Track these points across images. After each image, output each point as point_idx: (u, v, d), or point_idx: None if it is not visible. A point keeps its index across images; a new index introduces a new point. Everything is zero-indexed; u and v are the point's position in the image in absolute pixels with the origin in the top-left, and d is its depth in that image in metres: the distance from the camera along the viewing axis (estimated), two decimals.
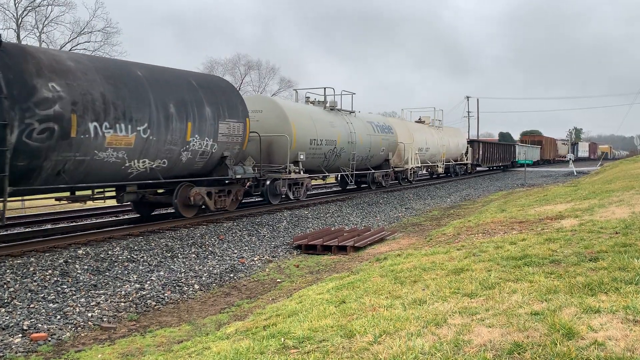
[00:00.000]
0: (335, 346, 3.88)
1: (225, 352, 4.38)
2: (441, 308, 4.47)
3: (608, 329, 3.47)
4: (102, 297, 7.89)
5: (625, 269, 4.91)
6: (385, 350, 3.56)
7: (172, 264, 9.86)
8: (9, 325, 6.60)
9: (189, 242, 11.13)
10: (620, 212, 8.77)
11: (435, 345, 3.54)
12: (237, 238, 12.21)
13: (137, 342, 6.40)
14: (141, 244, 10.43)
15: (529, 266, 5.57)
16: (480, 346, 3.43)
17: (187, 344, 5.72)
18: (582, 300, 4.15)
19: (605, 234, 6.94)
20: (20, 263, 8.42)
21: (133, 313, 7.61)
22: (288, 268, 10.41)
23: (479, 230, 9.52)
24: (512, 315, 3.98)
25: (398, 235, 13.59)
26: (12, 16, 34.72)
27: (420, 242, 10.99)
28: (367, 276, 6.88)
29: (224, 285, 9.29)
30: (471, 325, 3.88)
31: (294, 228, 14.15)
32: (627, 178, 17.81)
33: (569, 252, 5.98)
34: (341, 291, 6.17)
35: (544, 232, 7.88)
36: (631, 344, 3.19)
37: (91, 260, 9.13)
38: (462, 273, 5.76)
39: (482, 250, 7.06)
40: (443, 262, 6.65)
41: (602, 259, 5.46)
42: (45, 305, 7.32)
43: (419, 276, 6.03)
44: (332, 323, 4.55)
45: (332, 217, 16.27)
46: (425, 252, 8.11)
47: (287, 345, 4.17)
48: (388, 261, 7.93)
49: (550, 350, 3.20)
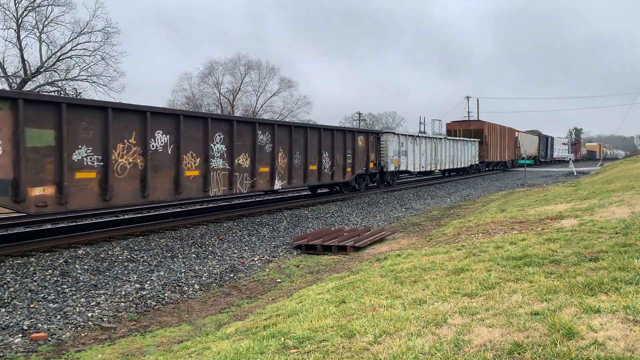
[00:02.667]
0: (335, 346, 3.87)
1: (225, 352, 4.37)
2: (441, 308, 4.46)
3: (608, 329, 3.47)
4: (102, 297, 7.89)
5: (625, 269, 4.91)
6: (385, 350, 3.56)
7: (172, 264, 9.86)
8: (9, 325, 6.60)
9: (189, 242, 11.12)
10: (620, 212, 8.77)
11: (435, 345, 3.54)
12: (237, 238, 12.21)
13: (137, 342, 6.40)
14: (141, 243, 10.43)
15: (529, 266, 5.57)
16: (480, 346, 3.43)
17: (187, 343, 5.72)
18: (582, 300, 4.15)
19: (606, 234, 6.93)
20: (20, 263, 8.42)
21: (133, 313, 7.61)
22: (288, 268, 10.40)
23: (479, 230, 9.52)
24: (512, 315, 3.98)
25: (398, 235, 13.58)
26: (12, 16, 34.72)
27: (420, 242, 10.99)
28: (367, 276, 6.87)
29: (224, 285, 9.29)
30: (471, 325, 3.88)
31: (294, 228, 14.15)
32: (627, 178, 17.80)
33: (569, 252, 5.98)
34: (341, 291, 6.17)
35: (544, 232, 7.87)
36: (631, 344, 3.19)
37: (91, 260, 9.13)
38: (462, 273, 5.76)
39: (482, 250, 7.05)
40: (443, 262, 6.65)
41: (602, 259, 5.46)
42: (45, 305, 7.32)
43: (419, 276, 6.03)
44: (332, 323, 4.55)
45: (332, 217, 16.27)
46: (425, 252, 8.11)
47: (287, 345, 4.17)
48: (388, 261, 7.93)
49: (550, 350, 3.20)
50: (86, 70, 37.57)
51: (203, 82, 61.07)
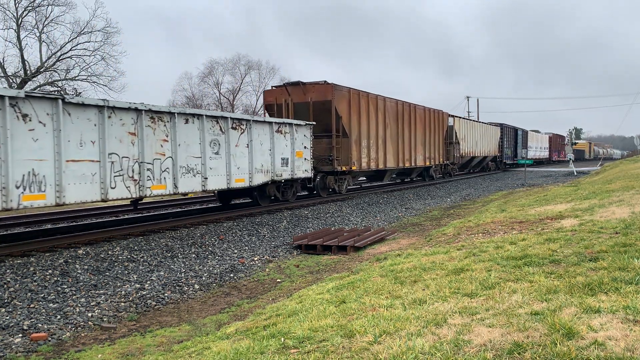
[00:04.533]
0: (335, 346, 3.87)
1: (225, 352, 4.38)
2: (441, 308, 4.46)
3: (608, 329, 3.47)
4: (102, 297, 7.89)
5: (625, 269, 4.91)
6: (385, 350, 3.56)
7: (172, 264, 9.86)
8: (9, 325, 6.60)
9: (189, 242, 11.13)
10: (620, 212, 8.77)
11: (435, 345, 3.54)
12: (237, 238, 12.21)
13: (137, 342, 6.40)
14: (141, 244, 10.43)
15: (529, 266, 5.57)
16: (481, 346, 3.43)
17: (187, 343, 5.72)
18: (582, 300, 4.15)
19: (605, 234, 6.93)
20: (20, 263, 8.42)
21: (133, 313, 7.61)
22: (288, 268, 10.40)
23: (479, 230, 9.52)
24: (512, 315, 3.98)
25: (398, 235, 13.58)
26: (12, 16, 34.68)
27: (420, 242, 10.99)
28: (367, 276, 6.87)
29: (224, 285, 9.29)
30: (471, 325, 3.88)
31: (294, 228, 14.15)
32: (627, 178, 17.80)
33: (569, 252, 5.98)
34: (341, 291, 6.17)
35: (544, 232, 7.87)
36: (631, 344, 3.19)
37: (91, 260, 9.13)
38: (462, 273, 5.76)
39: (482, 250, 7.05)
40: (443, 262, 6.65)
41: (602, 259, 5.46)
42: (45, 305, 7.32)
43: (419, 276, 6.03)
44: (332, 323, 4.55)
45: (332, 217, 16.27)
46: (425, 252, 8.11)
47: (287, 345, 4.17)
48: (388, 261, 7.93)
49: (550, 350, 3.20)
50: (86, 70, 37.54)
51: (203, 82, 61.06)
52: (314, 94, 18.41)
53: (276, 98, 19.04)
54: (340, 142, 18.58)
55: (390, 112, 22.67)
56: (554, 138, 68.04)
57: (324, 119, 18.18)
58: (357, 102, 19.65)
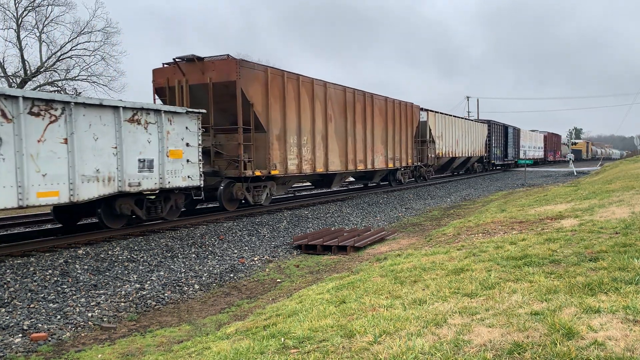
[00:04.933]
0: (335, 346, 3.87)
1: (225, 352, 4.38)
2: (441, 308, 4.46)
3: (608, 329, 3.47)
4: (102, 297, 7.90)
5: (625, 269, 4.91)
6: (385, 350, 3.56)
7: (172, 264, 9.86)
8: (9, 325, 6.61)
9: (189, 242, 11.13)
10: (620, 212, 8.77)
11: (435, 345, 3.54)
12: (237, 238, 12.21)
13: (137, 342, 6.40)
14: (141, 244, 10.43)
15: (529, 266, 5.57)
16: (480, 346, 3.43)
17: (187, 344, 5.72)
18: (582, 300, 4.15)
19: (605, 234, 6.93)
20: (20, 263, 8.42)
21: (133, 313, 7.61)
22: (288, 268, 10.41)
23: (479, 230, 9.52)
24: (512, 315, 3.98)
25: (398, 235, 13.58)
26: (12, 16, 34.67)
27: (420, 242, 10.99)
28: (367, 276, 6.88)
29: (224, 285, 9.29)
30: (471, 325, 3.88)
31: (294, 228, 14.15)
32: (627, 178, 17.80)
33: (569, 252, 5.98)
34: (341, 291, 6.17)
35: (544, 232, 7.87)
36: (631, 344, 3.19)
37: (91, 260, 9.13)
38: (462, 273, 5.76)
39: (482, 250, 7.05)
40: (443, 262, 6.65)
41: (602, 259, 5.46)
42: (45, 305, 7.32)
43: (419, 276, 6.03)
44: (332, 323, 4.55)
45: (332, 217, 16.27)
46: (425, 252, 8.11)
47: (287, 345, 4.17)
48: (388, 261, 7.93)
49: (550, 350, 3.20)
50: (86, 70, 37.54)
51: None
52: (215, 72, 13.81)
53: (168, 79, 14.46)
54: (253, 138, 14.04)
55: (334, 102, 17.70)
56: (549, 137, 64.21)
57: (230, 107, 13.78)
58: (279, 87, 14.96)
